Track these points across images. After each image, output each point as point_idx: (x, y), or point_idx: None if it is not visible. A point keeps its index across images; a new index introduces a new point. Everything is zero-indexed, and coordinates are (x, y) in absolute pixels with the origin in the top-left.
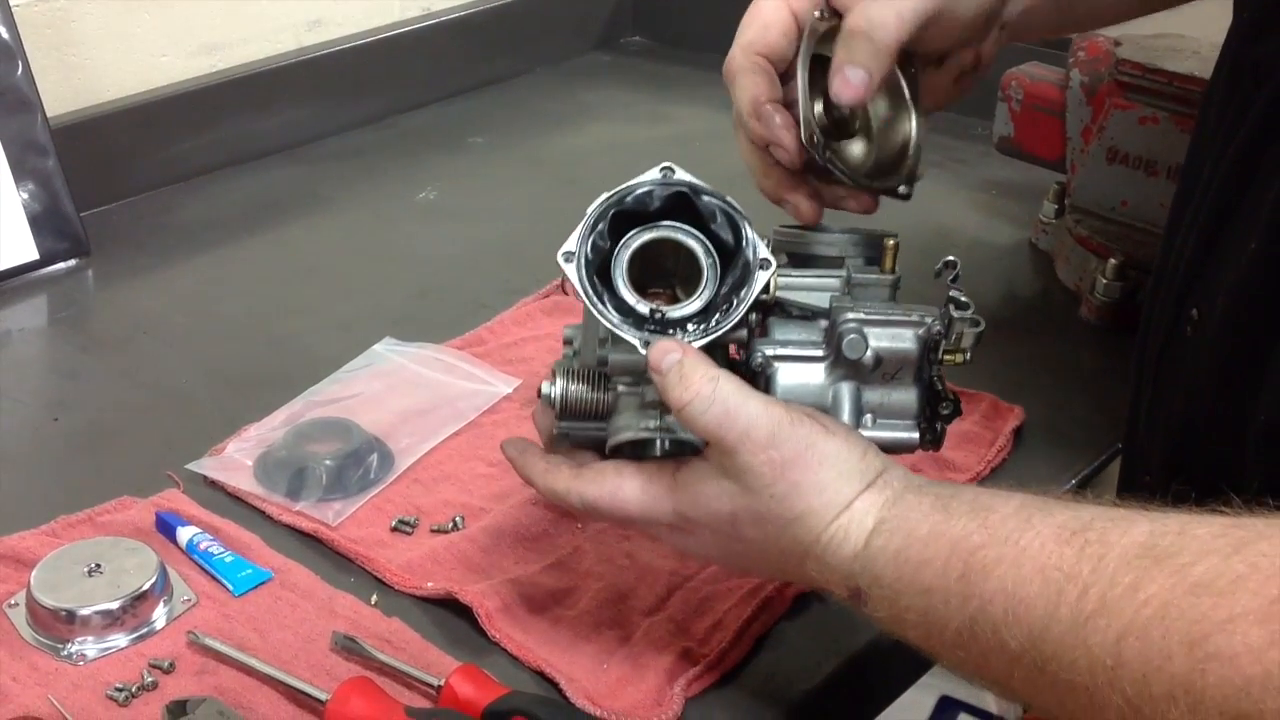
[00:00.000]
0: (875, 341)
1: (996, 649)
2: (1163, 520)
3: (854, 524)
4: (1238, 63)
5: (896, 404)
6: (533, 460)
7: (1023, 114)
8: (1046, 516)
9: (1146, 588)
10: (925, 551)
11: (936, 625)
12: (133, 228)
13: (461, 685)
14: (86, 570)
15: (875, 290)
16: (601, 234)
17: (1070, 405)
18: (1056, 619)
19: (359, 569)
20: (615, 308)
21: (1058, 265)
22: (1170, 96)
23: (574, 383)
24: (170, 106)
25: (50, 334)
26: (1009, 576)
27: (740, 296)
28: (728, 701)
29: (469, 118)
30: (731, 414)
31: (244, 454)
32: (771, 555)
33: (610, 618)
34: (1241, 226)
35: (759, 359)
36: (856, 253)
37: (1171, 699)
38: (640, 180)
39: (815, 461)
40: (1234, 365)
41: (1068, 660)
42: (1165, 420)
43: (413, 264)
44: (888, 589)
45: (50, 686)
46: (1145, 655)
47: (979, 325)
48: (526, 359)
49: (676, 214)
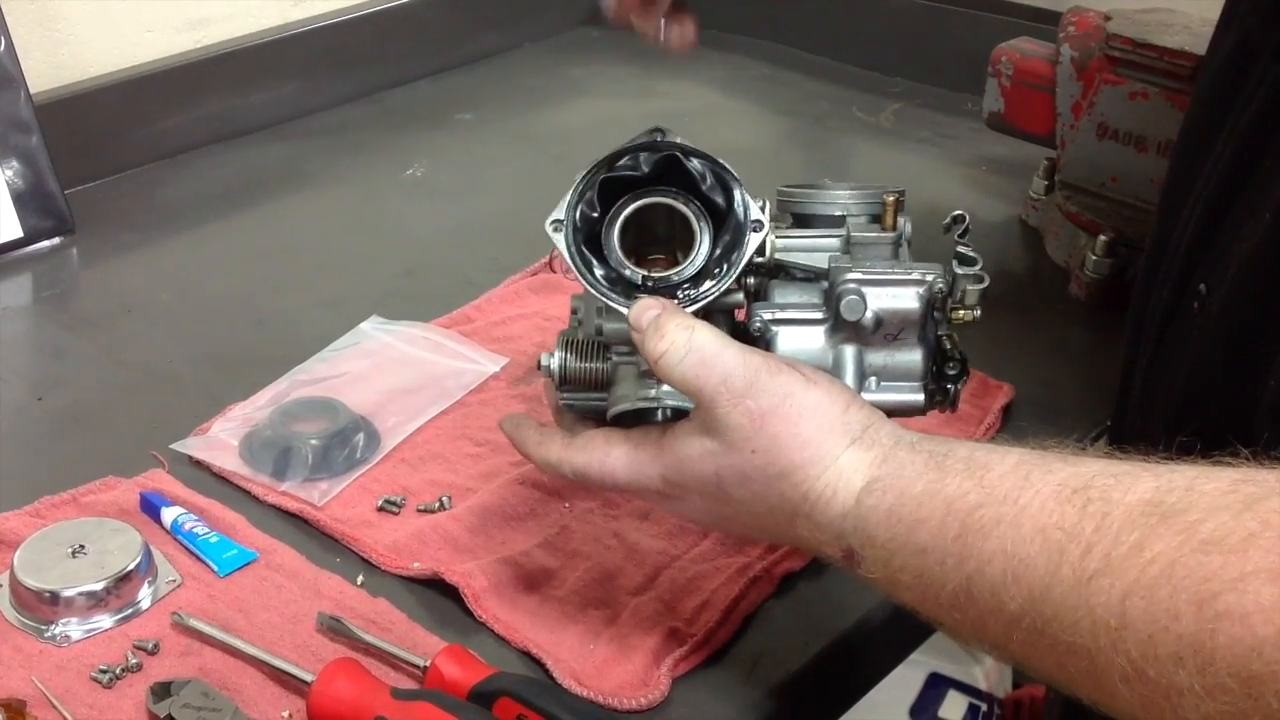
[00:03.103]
0: (875, 302)
1: (994, 611)
2: (1169, 475)
3: (841, 481)
4: (1249, 42)
5: (901, 365)
6: (528, 433)
7: (1013, 89)
8: (1046, 473)
9: (1153, 546)
10: (919, 510)
11: (932, 587)
12: (117, 205)
13: (447, 666)
14: (70, 551)
15: (876, 249)
16: (591, 202)
17: (1059, 382)
18: (1058, 579)
19: (345, 549)
20: (608, 277)
21: (1047, 242)
22: (1161, 71)
23: (572, 354)
24: (155, 83)
25: (34, 313)
26: (1008, 536)
27: (732, 260)
28: (714, 681)
29: (456, 94)
30: (708, 363)
31: (229, 434)
32: (761, 515)
33: (597, 597)
34: (1252, 199)
35: (757, 324)
36: (860, 210)
37: (1179, 660)
38: (629, 145)
39: (794, 413)
40: (1245, 338)
41: (1069, 621)
42: (1165, 396)
43: (400, 242)
44: (881, 549)
45: (34, 668)
46: (1151, 615)
47: (983, 281)
48: (514, 337)
49: (668, 178)
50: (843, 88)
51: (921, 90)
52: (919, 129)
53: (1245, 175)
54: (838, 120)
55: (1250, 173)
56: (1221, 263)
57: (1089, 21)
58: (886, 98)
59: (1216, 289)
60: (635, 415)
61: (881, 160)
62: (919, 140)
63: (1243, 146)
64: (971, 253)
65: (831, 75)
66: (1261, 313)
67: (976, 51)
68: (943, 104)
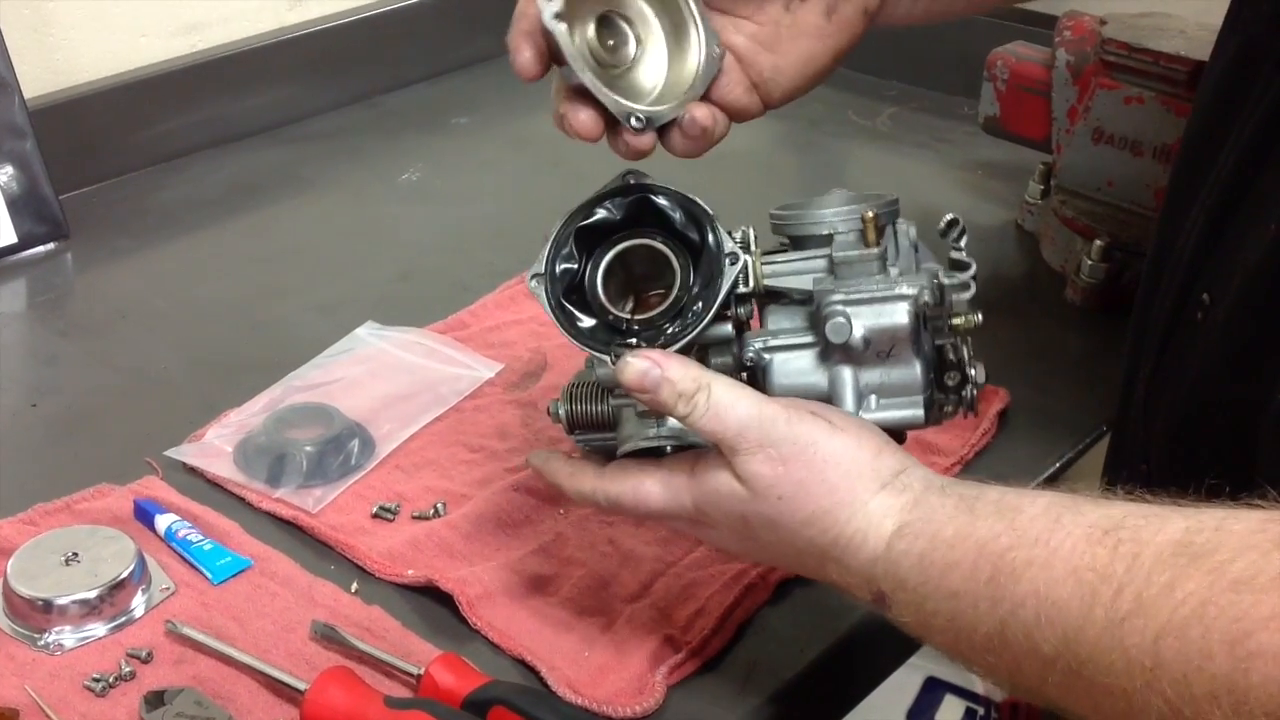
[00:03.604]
0: (861, 322)
1: (1029, 653)
2: (1197, 516)
3: (872, 526)
4: (1252, 51)
5: (897, 381)
6: (558, 466)
7: (1008, 94)
8: (1076, 516)
9: (1184, 586)
10: (951, 554)
11: (965, 630)
12: (112, 211)
13: (441, 674)
14: (64, 559)
15: (861, 266)
16: (569, 254)
17: (1055, 388)
18: (1091, 621)
19: (339, 556)
20: (597, 323)
21: (1043, 246)
22: (1156, 76)
23: (576, 402)
24: (150, 87)
25: (29, 318)
26: (1040, 578)
27: (708, 295)
28: (710, 689)
29: (452, 98)
30: (723, 418)
31: (224, 440)
32: (790, 556)
33: (592, 605)
34: (1255, 210)
35: (750, 353)
36: (847, 227)
37: (1214, 699)
38: (600, 192)
39: (819, 460)
40: (1251, 349)
41: (1104, 663)
42: (1168, 406)
43: (395, 246)
44: (913, 593)
45: (27, 676)
46: (1185, 655)
47: (969, 289)
48: (509, 343)
49: (644, 219)
50: (838, 91)
51: (917, 94)
52: (915, 133)
53: (1248, 186)
54: (833, 124)
55: (1253, 184)
56: (1225, 273)
57: (1084, 26)
58: (882, 102)
59: (1220, 300)
60: (644, 452)
61: (877, 164)
62: (915, 144)
63: (1245, 157)
64: (965, 257)
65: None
66: (1267, 324)
67: (972, 56)
68: (939, 108)
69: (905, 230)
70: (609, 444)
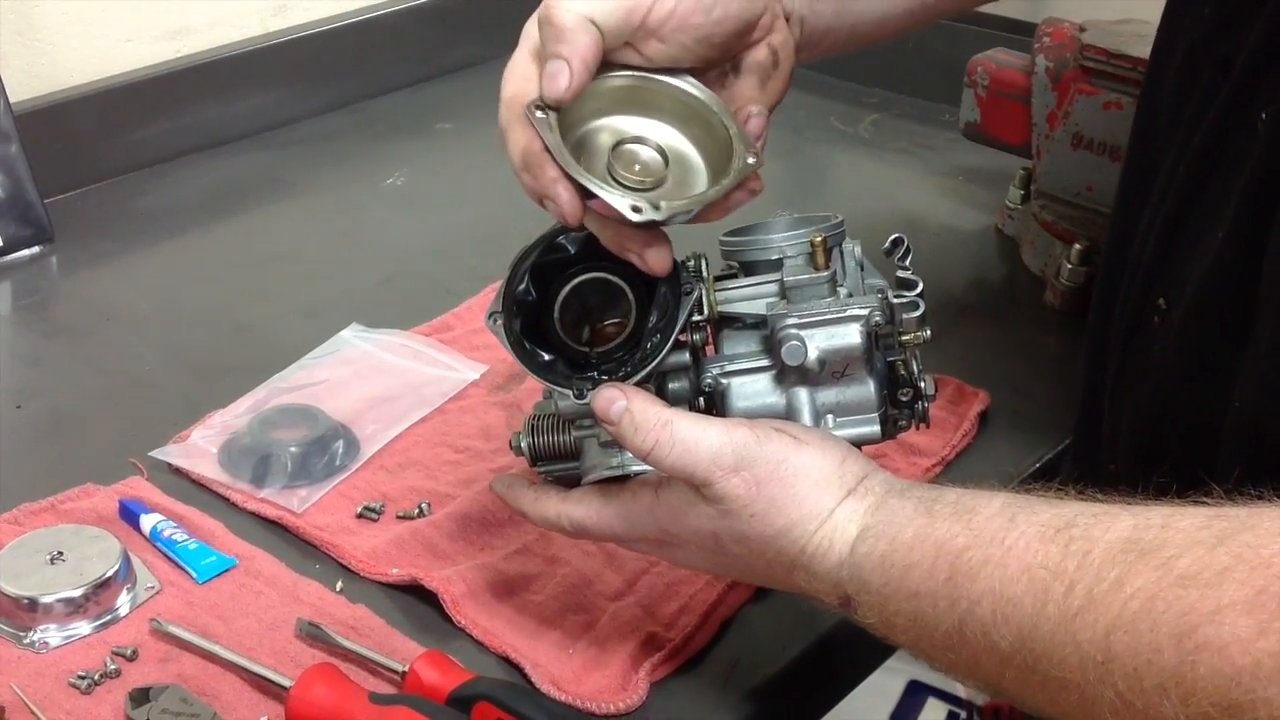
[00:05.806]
0: (815, 344)
1: (987, 650)
2: (1145, 514)
3: (837, 532)
4: (1196, 55)
5: (853, 400)
6: (520, 493)
7: (989, 100)
8: (1030, 515)
9: (1133, 581)
10: (911, 555)
11: (926, 629)
12: (97, 214)
13: (426, 671)
14: (49, 558)
15: (812, 290)
16: (526, 291)
17: (1035, 390)
18: (1045, 617)
19: (324, 555)
20: (559, 354)
21: (1023, 250)
22: (1134, 82)
23: (538, 435)
24: (135, 92)
25: (13, 321)
26: (995, 577)
27: (664, 326)
28: (692, 686)
29: (437, 103)
30: (692, 451)
31: (208, 441)
32: (759, 568)
33: (576, 603)
34: (1206, 215)
35: (708, 379)
36: (796, 251)
37: (1163, 691)
38: (552, 229)
39: (790, 475)
40: (1205, 354)
41: (1058, 658)
42: (1133, 409)
43: (380, 250)
44: (875, 594)
45: (12, 674)
46: (1135, 649)
47: (918, 308)
48: (493, 345)
49: (599, 250)
50: (820, 98)
51: (899, 100)
52: (896, 139)
53: (1199, 192)
54: (815, 130)
55: (1204, 190)
56: (1179, 279)
57: (1064, 32)
58: (864, 108)
59: (1175, 304)
60: (608, 480)
61: (859, 171)
62: (896, 150)
63: (1194, 163)
64: (912, 276)
65: (809, 85)
66: (1219, 329)
67: (953, 62)
68: (920, 114)
69: (851, 250)
70: (572, 473)
